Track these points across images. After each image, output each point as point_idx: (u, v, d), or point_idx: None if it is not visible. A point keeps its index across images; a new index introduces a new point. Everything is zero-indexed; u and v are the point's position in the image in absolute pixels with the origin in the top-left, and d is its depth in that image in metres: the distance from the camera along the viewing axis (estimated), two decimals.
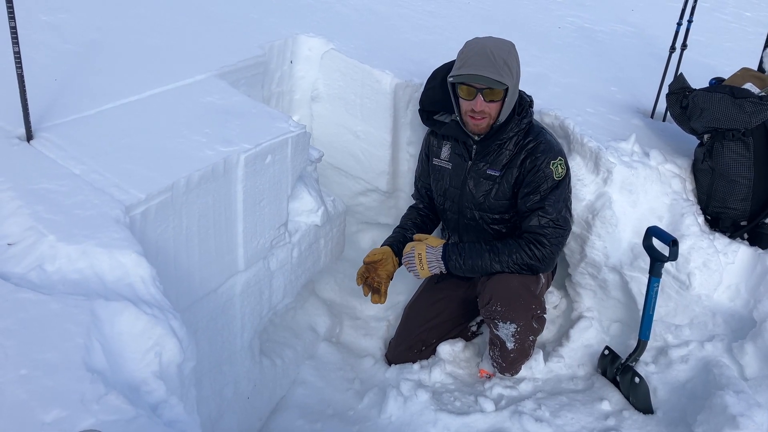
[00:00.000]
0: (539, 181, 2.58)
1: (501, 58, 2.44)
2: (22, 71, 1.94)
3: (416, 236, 2.81)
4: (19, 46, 1.90)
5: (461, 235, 2.86)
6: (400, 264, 2.81)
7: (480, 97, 2.49)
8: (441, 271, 2.72)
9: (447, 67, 2.72)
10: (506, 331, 2.67)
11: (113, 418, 1.34)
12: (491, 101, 2.50)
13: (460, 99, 2.55)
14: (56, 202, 1.84)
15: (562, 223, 2.61)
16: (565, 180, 2.64)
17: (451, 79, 2.54)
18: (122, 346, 1.56)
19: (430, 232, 2.99)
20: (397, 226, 2.98)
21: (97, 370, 1.45)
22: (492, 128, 2.59)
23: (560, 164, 2.61)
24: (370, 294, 2.80)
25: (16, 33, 1.87)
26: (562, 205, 2.62)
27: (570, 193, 2.71)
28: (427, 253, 2.69)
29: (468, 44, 2.54)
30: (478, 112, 2.52)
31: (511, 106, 2.56)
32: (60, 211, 1.81)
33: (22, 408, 1.33)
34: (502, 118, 2.56)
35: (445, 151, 2.80)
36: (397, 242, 2.87)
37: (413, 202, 3.08)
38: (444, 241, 2.78)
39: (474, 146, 2.68)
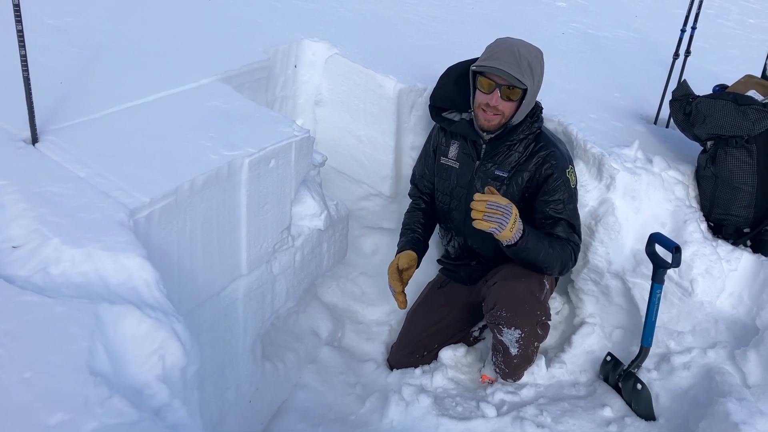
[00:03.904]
0: (561, 187, 2.59)
1: (526, 59, 2.45)
2: (28, 74, 1.95)
3: None
4: (25, 49, 1.90)
5: (466, 237, 2.86)
6: (417, 266, 2.78)
7: (497, 93, 2.49)
8: (511, 242, 2.47)
9: (462, 65, 2.74)
10: (510, 336, 2.66)
11: (116, 422, 1.35)
12: (508, 99, 2.50)
13: (478, 91, 2.56)
14: (61, 205, 1.84)
15: (580, 233, 2.66)
16: (576, 188, 2.68)
17: (474, 67, 2.54)
18: (125, 350, 1.56)
19: (431, 232, 2.97)
20: (406, 229, 2.91)
21: (100, 373, 1.45)
22: (505, 128, 2.60)
23: (573, 173, 2.65)
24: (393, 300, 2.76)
25: (22, 36, 1.88)
26: (577, 213, 2.68)
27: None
28: (518, 218, 2.46)
29: (498, 40, 2.55)
30: (491, 108, 2.52)
31: (527, 110, 2.57)
32: (65, 214, 1.81)
33: (26, 410, 1.33)
34: (516, 120, 2.57)
35: (453, 150, 2.79)
36: (417, 246, 2.82)
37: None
38: None
39: (483, 146, 2.68)
